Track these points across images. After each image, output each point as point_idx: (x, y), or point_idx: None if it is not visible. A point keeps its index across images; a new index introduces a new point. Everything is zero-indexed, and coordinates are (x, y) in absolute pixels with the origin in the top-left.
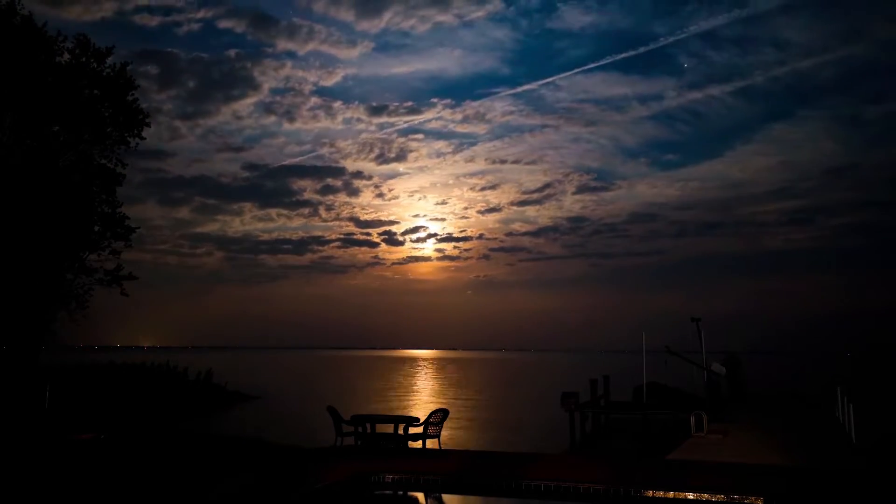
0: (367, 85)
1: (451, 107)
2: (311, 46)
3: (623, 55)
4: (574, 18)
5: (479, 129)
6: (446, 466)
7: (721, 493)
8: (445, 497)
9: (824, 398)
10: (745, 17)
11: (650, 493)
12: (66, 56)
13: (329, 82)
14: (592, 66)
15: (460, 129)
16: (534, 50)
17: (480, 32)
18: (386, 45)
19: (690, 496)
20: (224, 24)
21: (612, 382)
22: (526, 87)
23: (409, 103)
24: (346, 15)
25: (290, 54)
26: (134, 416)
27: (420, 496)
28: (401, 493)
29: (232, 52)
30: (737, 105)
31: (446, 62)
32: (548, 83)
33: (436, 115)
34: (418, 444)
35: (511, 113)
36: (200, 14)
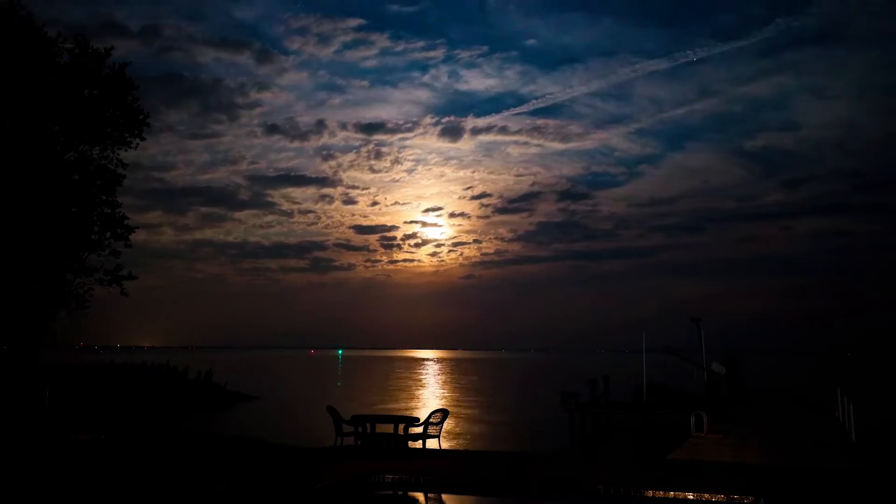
0: (362, 107)
1: (436, 124)
2: (310, 77)
3: (525, 107)
4: (479, 82)
5: (464, 144)
6: (446, 466)
7: (721, 493)
8: (445, 497)
9: (824, 398)
10: (617, 83)
11: (650, 493)
12: (66, 56)
13: (327, 105)
14: (506, 113)
15: (447, 144)
16: (450, 104)
17: (406, 91)
18: (375, 78)
19: (690, 496)
20: (232, 56)
21: (611, 382)
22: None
23: (401, 122)
24: (342, 54)
25: (292, 84)
26: (134, 416)
27: (420, 496)
28: (401, 493)
29: (239, 80)
30: (636, 139)
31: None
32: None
33: (423, 131)
34: (418, 444)
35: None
36: (212, 49)
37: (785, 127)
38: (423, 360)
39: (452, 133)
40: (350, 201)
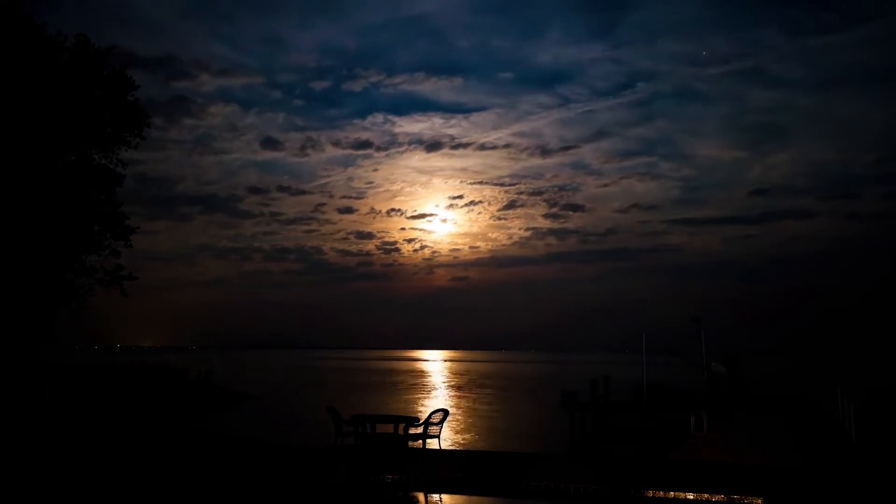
0: (356, 125)
1: (418, 142)
2: (306, 101)
3: (461, 146)
4: (410, 126)
5: (456, 158)
6: (446, 466)
7: (721, 493)
8: (445, 497)
9: (824, 398)
10: (528, 125)
11: (650, 493)
12: (66, 56)
13: (322, 124)
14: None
15: (437, 156)
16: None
17: (353, 131)
18: (356, 107)
19: (690, 496)
20: (234, 82)
21: (611, 383)
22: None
23: (388, 137)
24: (335, 86)
25: (291, 106)
26: (134, 417)
27: (420, 496)
28: (401, 493)
29: (242, 102)
30: (576, 162)
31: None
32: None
33: (412, 147)
34: (418, 444)
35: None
36: (218, 77)
37: (679, 158)
38: (423, 359)
39: (437, 147)
40: (348, 210)
